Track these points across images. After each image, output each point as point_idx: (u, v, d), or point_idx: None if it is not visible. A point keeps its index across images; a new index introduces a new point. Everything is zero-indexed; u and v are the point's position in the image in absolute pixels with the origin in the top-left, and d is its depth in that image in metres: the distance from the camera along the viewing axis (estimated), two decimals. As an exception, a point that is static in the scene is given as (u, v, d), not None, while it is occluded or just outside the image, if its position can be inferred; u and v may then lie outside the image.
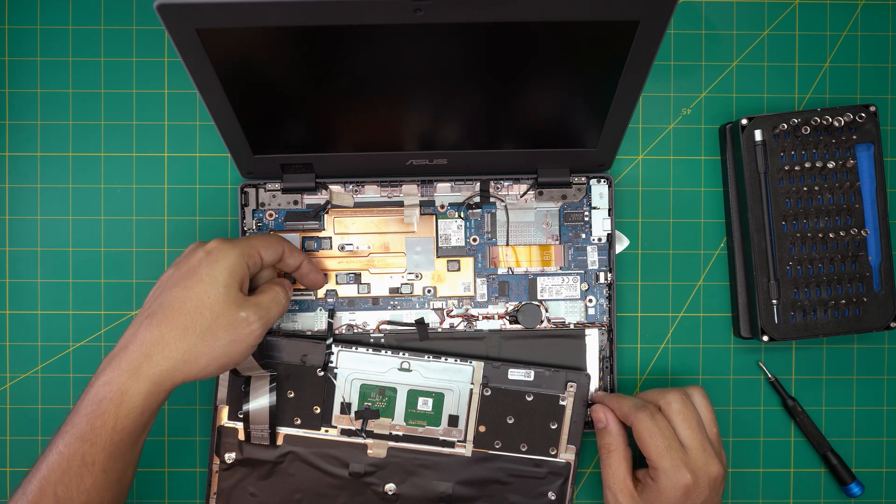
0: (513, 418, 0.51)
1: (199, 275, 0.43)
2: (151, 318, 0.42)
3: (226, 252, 0.43)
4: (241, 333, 0.43)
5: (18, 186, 0.54)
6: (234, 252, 0.44)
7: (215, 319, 0.42)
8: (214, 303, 0.42)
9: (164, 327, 0.42)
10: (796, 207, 0.51)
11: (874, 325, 0.52)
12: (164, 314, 0.42)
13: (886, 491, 0.55)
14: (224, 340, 0.42)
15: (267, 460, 0.51)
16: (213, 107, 0.43)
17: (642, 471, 0.48)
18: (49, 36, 0.53)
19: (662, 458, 0.45)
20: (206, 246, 0.44)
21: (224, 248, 0.44)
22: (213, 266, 0.43)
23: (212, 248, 0.44)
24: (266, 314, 0.44)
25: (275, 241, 0.46)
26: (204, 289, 0.42)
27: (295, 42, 0.38)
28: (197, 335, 0.42)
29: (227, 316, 0.43)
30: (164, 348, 0.41)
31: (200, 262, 0.43)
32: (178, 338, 0.42)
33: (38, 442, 0.53)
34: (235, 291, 0.43)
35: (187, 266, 0.43)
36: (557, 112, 0.46)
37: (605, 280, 0.53)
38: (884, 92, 0.55)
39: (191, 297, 0.42)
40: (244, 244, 0.45)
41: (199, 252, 0.44)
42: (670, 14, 0.37)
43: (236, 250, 0.44)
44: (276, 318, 0.46)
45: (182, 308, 0.42)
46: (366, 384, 0.51)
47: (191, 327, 0.42)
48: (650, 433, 0.46)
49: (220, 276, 0.43)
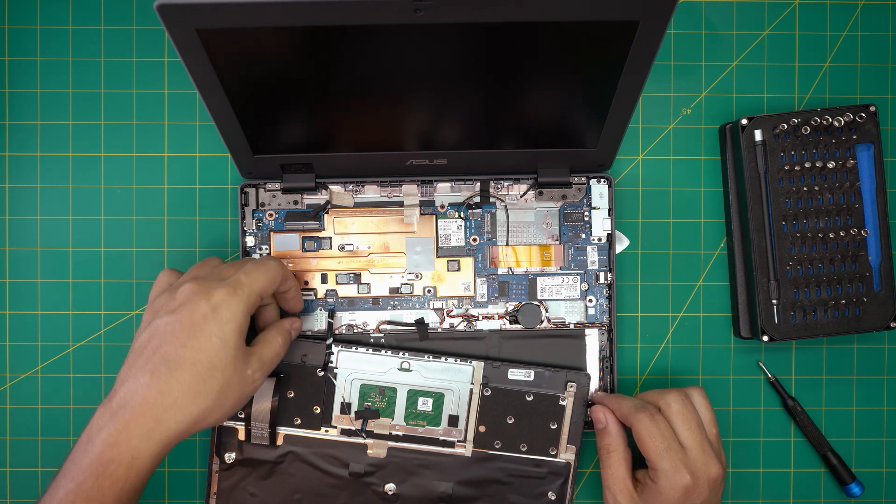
0: (513, 418, 0.51)
1: (207, 334, 0.41)
2: (157, 377, 0.40)
3: (233, 310, 0.42)
4: (247, 390, 0.44)
5: (18, 186, 0.54)
6: (240, 308, 0.42)
7: (227, 381, 0.42)
8: (226, 365, 0.42)
9: (174, 391, 0.40)
10: (796, 207, 0.51)
11: (874, 325, 0.52)
12: (174, 376, 0.40)
13: (886, 491, 0.55)
14: (233, 398, 0.43)
15: (267, 460, 0.51)
16: (213, 107, 0.43)
17: (642, 471, 0.48)
18: (49, 36, 0.53)
19: (662, 458, 0.45)
20: (211, 299, 0.42)
21: (231, 304, 0.42)
22: (223, 327, 0.42)
23: (218, 303, 0.42)
24: (268, 368, 0.45)
25: (274, 272, 0.45)
26: (215, 351, 0.41)
27: (295, 42, 0.38)
28: (210, 399, 0.41)
29: (237, 376, 0.42)
30: (177, 413, 0.40)
31: (206, 318, 0.41)
32: (190, 402, 0.41)
33: (37, 442, 0.53)
34: (243, 349, 0.43)
35: (191, 321, 0.41)
36: (557, 112, 0.46)
37: (605, 280, 0.53)
38: (884, 92, 0.55)
39: (201, 359, 0.41)
40: (247, 294, 0.43)
41: (204, 306, 0.42)
42: (670, 14, 0.37)
43: (242, 306, 0.43)
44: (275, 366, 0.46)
45: (193, 370, 0.41)
46: (366, 384, 0.51)
47: (203, 391, 0.41)
48: (650, 434, 0.46)
49: (231, 338, 0.42)
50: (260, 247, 0.52)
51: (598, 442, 0.50)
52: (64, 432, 0.53)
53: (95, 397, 0.53)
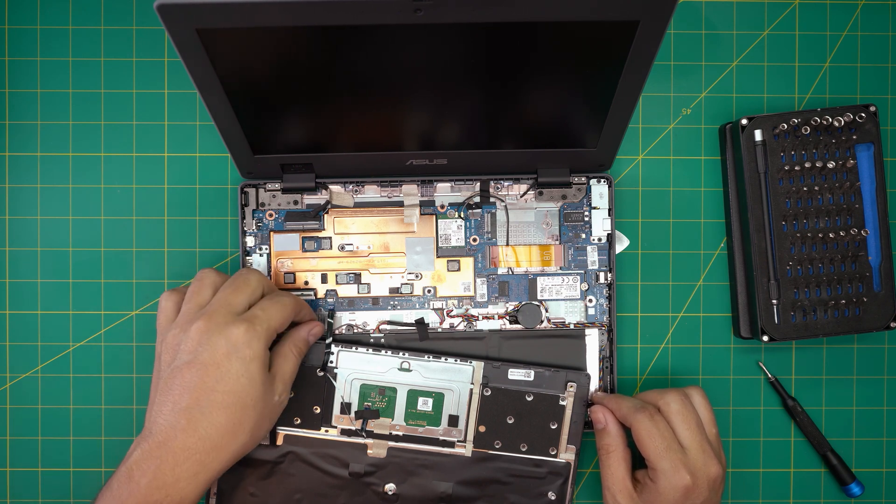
0: (513, 418, 0.51)
1: (234, 375, 0.42)
2: (194, 424, 0.41)
3: (254, 347, 0.43)
4: (277, 412, 0.46)
5: (18, 186, 0.54)
6: (261, 345, 0.43)
7: (259, 414, 0.43)
8: (256, 401, 0.43)
9: (213, 435, 0.42)
10: (796, 207, 0.51)
11: (874, 325, 0.52)
12: (211, 421, 0.41)
13: (886, 491, 0.55)
14: (266, 426, 0.45)
15: (267, 460, 0.51)
16: (213, 107, 0.43)
17: (641, 472, 0.48)
18: (49, 36, 0.53)
19: (661, 458, 0.45)
20: (230, 338, 0.42)
21: (252, 342, 0.43)
22: (248, 366, 0.42)
23: (238, 343, 0.42)
24: (291, 382, 0.46)
25: (289, 309, 0.46)
26: (245, 391, 0.42)
27: (295, 42, 0.38)
28: (247, 434, 0.43)
29: (269, 406, 0.44)
30: (219, 454, 0.42)
31: (230, 359, 0.42)
32: (230, 442, 0.42)
33: (37, 442, 0.53)
34: (268, 380, 0.44)
35: (215, 363, 0.42)
36: (557, 112, 0.46)
37: (605, 280, 0.53)
38: (884, 92, 0.55)
39: (233, 401, 0.42)
40: (265, 329, 0.43)
41: (223, 346, 0.42)
42: (670, 14, 0.37)
43: (262, 342, 0.43)
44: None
45: (227, 413, 0.42)
46: (366, 384, 0.51)
47: (240, 430, 0.42)
48: (649, 434, 0.46)
49: (257, 375, 0.43)
50: (260, 247, 0.52)
51: (597, 442, 0.50)
52: (64, 432, 0.53)
53: (95, 397, 0.53)
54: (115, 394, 0.54)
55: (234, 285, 0.45)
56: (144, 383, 0.54)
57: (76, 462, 0.53)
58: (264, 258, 0.52)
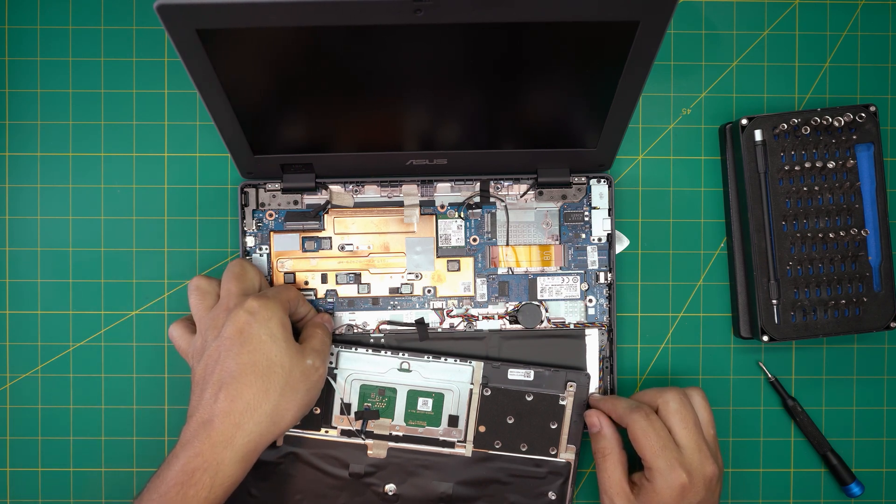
0: (513, 418, 0.51)
1: (257, 336, 0.43)
2: (227, 389, 0.42)
3: (271, 308, 0.44)
4: (313, 379, 0.45)
5: (18, 186, 0.54)
6: (278, 306, 0.45)
7: (289, 374, 0.44)
8: (283, 359, 0.43)
9: (247, 394, 0.42)
10: (796, 207, 0.51)
11: (874, 325, 0.52)
12: (241, 382, 0.42)
13: (886, 491, 0.55)
14: (301, 391, 0.44)
15: (267, 461, 0.51)
16: (213, 107, 0.43)
17: (638, 474, 0.48)
18: (49, 36, 0.53)
19: (657, 457, 0.45)
20: (246, 307, 0.44)
21: (268, 304, 0.44)
22: (267, 324, 0.44)
23: (254, 307, 0.44)
24: (324, 355, 0.47)
25: (293, 293, 0.48)
26: (268, 348, 0.43)
27: (295, 42, 0.38)
28: (278, 393, 0.43)
29: (298, 367, 0.44)
30: (254, 414, 0.42)
31: (250, 323, 0.43)
32: (262, 400, 0.42)
33: (37, 442, 0.53)
34: (294, 343, 0.45)
35: (237, 331, 0.43)
36: (557, 112, 0.46)
37: (605, 280, 0.53)
38: (884, 92, 0.55)
39: (259, 359, 0.43)
40: (280, 296, 0.46)
41: (242, 315, 0.44)
42: (670, 14, 0.37)
43: (277, 304, 0.45)
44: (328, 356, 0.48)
45: (255, 371, 0.43)
46: (365, 385, 0.51)
47: (271, 388, 0.43)
48: (645, 433, 0.46)
49: (278, 333, 0.44)
50: (260, 247, 0.52)
51: (593, 446, 0.50)
52: (64, 432, 0.53)
53: (95, 397, 0.53)
54: (115, 394, 0.54)
55: (233, 275, 0.47)
56: (144, 383, 0.54)
57: (76, 462, 0.53)
58: (264, 258, 0.52)
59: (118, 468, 0.54)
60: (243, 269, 0.47)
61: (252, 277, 0.47)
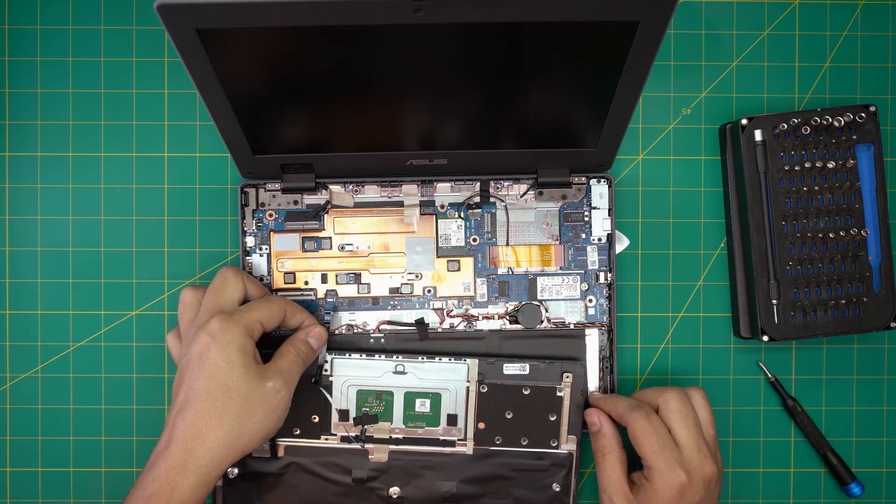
0: (511, 413, 0.51)
1: (214, 361, 0.43)
2: (184, 413, 0.42)
3: (231, 332, 0.43)
4: (272, 403, 0.44)
5: (18, 186, 0.54)
6: (237, 331, 0.44)
7: (245, 399, 0.43)
8: (240, 384, 0.43)
9: (199, 420, 0.42)
10: (796, 207, 0.51)
11: (874, 325, 0.52)
12: (195, 407, 0.42)
13: (886, 491, 0.55)
14: (258, 416, 0.44)
15: (270, 472, 0.51)
16: (213, 107, 0.43)
17: (637, 473, 0.48)
18: (49, 36, 0.53)
19: (657, 457, 0.45)
20: (208, 328, 0.44)
21: (227, 327, 0.43)
22: (224, 349, 0.43)
23: (215, 330, 0.43)
24: (289, 377, 0.45)
25: (275, 307, 0.47)
26: (224, 374, 0.43)
27: (295, 42, 0.38)
28: (232, 419, 0.43)
29: (255, 392, 0.43)
30: (205, 440, 0.42)
31: (208, 347, 0.43)
32: (215, 427, 0.42)
33: (37, 442, 0.53)
34: (253, 365, 0.44)
35: (197, 353, 0.43)
36: (557, 112, 0.46)
37: (605, 280, 0.53)
38: (884, 92, 0.55)
39: (214, 385, 0.43)
40: (245, 318, 0.44)
41: (204, 337, 0.43)
42: (670, 14, 0.37)
43: (239, 328, 0.44)
44: (300, 374, 0.47)
45: (209, 397, 0.42)
46: (362, 390, 0.51)
47: (224, 413, 0.43)
48: (644, 432, 0.46)
49: (235, 357, 0.43)
50: (260, 247, 0.52)
51: (593, 444, 0.50)
52: (64, 432, 0.53)
53: (95, 397, 0.53)
54: (115, 394, 0.54)
55: (213, 288, 0.46)
56: (144, 383, 0.54)
57: (76, 462, 0.53)
58: (264, 258, 0.52)
59: (118, 468, 0.54)
60: (224, 281, 0.46)
61: (232, 290, 0.46)
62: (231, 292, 0.46)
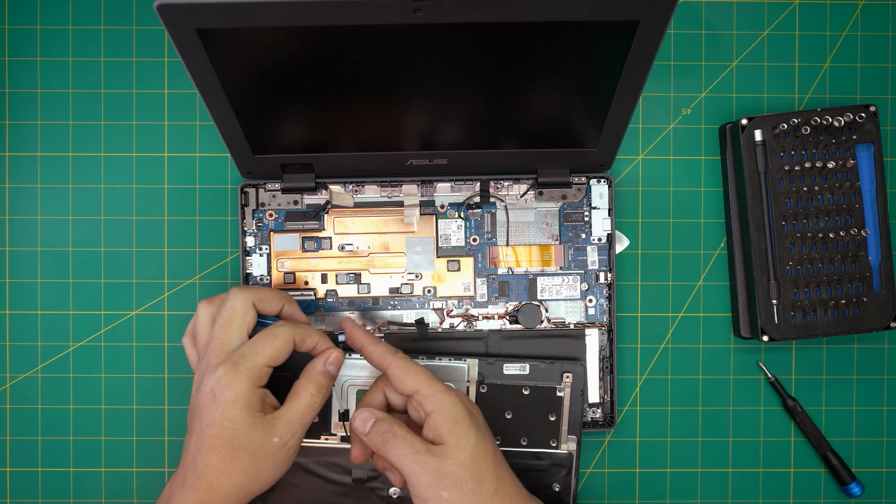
0: (511, 413, 0.51)
1: (218, 420, 0.42)
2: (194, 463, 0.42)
3: (235, 389, 0.42)
4: (280, 456, 0.43)
5: (18, 186, 0.54)
6: (243, 386, 0.42)
7: (252, 457, 0.42)
8: (245, 444, 0.42)
9: (208, 476, 0.42)
10: (796, 207, 0.51)
11: (874, 325, 0.52)
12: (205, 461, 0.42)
13: (886, 491, 0.55)
14: (267, 470, 0.43)
15: None
16: (213, 107, 0.43)
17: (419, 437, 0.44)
18: (49, 36, 0.53)
19: (426, 385, 0.43)
20: (213, 383, 0.42)
21: (232, 383, 0.42)
22: (228, 409, 0.41)
23: (217, 386, 0.42)
24: (300, 425, 0.43)
25: (282, 342, 0.43)
26: (230, 434, 0.42)
27: (295, 42, 0.38)
28: (240, 476, 0.42)
29: (262, 450, 0.42)
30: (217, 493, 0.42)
31: (213, 400, 0.42)
32: (225, 482, 0.42)
33: (37, 442, 0.53)
34: (260, 422, 0.42)
35: (202, 407, 0.42)
36: (557, 112, 0.46)
37: (605, 280, 0.53)
38: (884, 92, 0.55)
39: (220, 444, 0.42)
40: (250, 368, 0.42)
41: (207, 387, 0.42)
42: (670, 14, 0.37)
43: (245, 383, 0.42)
44: (319, 409, 0.45)
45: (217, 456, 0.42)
46: (361, 390, 0.51)
47: (232, 472, 0.42)
48: (406, 371, 0.43)
49: (240, 418, 0.42)
50: (260, 247, 0.52)
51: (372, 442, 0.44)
52: (64, 432, 0.53)
53: (95, 397, 0.53)
54: (115, 394, 0.54)
55: (221, 319, 0.44)
56: (144, 383, 0.54)
57: (76, 462, 0.53)
58: (264, 258, 0.52)
59: (118, 468, 0.54)
60: (232, 313, 0.43)
61: (240, 323, 0.44)
62: (239, 325, 0.44)
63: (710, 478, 0.55)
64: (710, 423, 0.55)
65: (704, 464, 0.55)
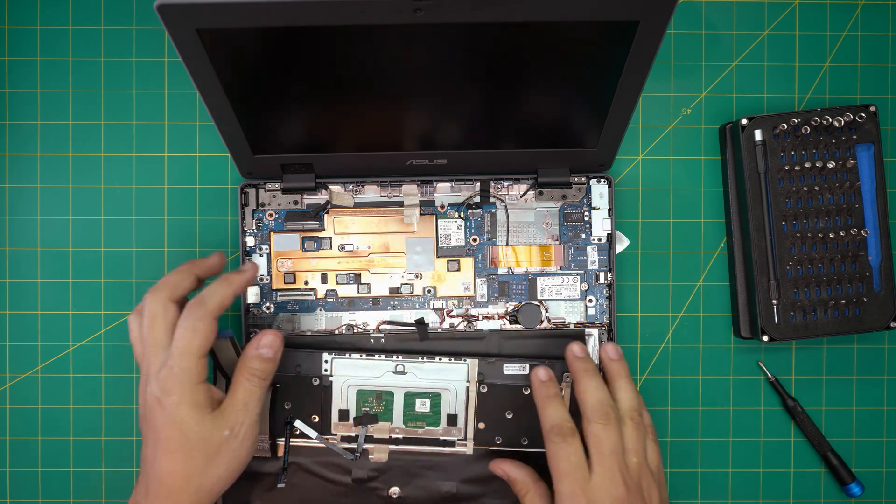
0: (511, 413, 0.51)
1: (166, 423, 0.42)
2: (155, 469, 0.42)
3: (175, 391, 0.42)
4: (234, 448, 0.43)
5: (18, 186, 0.54)
6: (182, 386, 0.42)
7: (207, 455, 0.42)
8: (197, 443, 0.42)
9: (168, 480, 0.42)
10: (796, 207, 0.51)
11: (874, 325, 0.52)
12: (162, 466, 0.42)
13: (886, 491, 0.55)
14: (224, 465, 0.43)
15: (269, 472, 0.51)
16: (213, 107, 0.43)
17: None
18: (49, 36, 0.53)
19: (561, 482, 0.43)
20: (153, 388, 0.42)
21: (172, 386, 0.42)
22: (174, 412, 0.42)
23: (160, 388, 0.42)
24: (245, 413, 0.43)
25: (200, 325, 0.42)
26: (179, 435, 0.42)
27: (295, 42, 0.38)
28: (201, 475, 0.42)
29: (215, 444, 0.42)
30: (180, 496, 0.42)
31: (159, 404, 0.42)
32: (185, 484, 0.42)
33: (37, 442, 0.53)
34: (208, 416, 0.42)
35: (150, 412, 0.42)
36: (557, 112, 0.46)
37: (605, 280, 0.53)
38: (884, 92, 0.55)
39: (174, 447, 0.42)
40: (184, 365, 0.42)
41: (152, 400, 0.42)
42: (670, 14, 0.37)
43: (185, 383, 0.42)
44: (264, 390, 0.44)
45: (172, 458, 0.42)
46: (362, 390, 0.51)
47: (191, 472, 0.42)
48: (555, 455, 0.44)
49: (187, 417, 0.42)
50: (260, 247, 0.52)
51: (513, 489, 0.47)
52: (64, 432, 0.53)
53: (95, 397, 0.53)
54: (115, 394, 0.54)
55: (146, 326, 0.43)
56: (144, 383, 0.54)
57: (76, 462, 0.53)
58: (264, 258, 0.52)
59: (118, 468, 0.54)
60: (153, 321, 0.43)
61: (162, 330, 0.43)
62: (163, 326, 0.43)
63: (710, 478, 0.55)
64: (710, 423, 0.55)
65: (704, 464, 0.55)
